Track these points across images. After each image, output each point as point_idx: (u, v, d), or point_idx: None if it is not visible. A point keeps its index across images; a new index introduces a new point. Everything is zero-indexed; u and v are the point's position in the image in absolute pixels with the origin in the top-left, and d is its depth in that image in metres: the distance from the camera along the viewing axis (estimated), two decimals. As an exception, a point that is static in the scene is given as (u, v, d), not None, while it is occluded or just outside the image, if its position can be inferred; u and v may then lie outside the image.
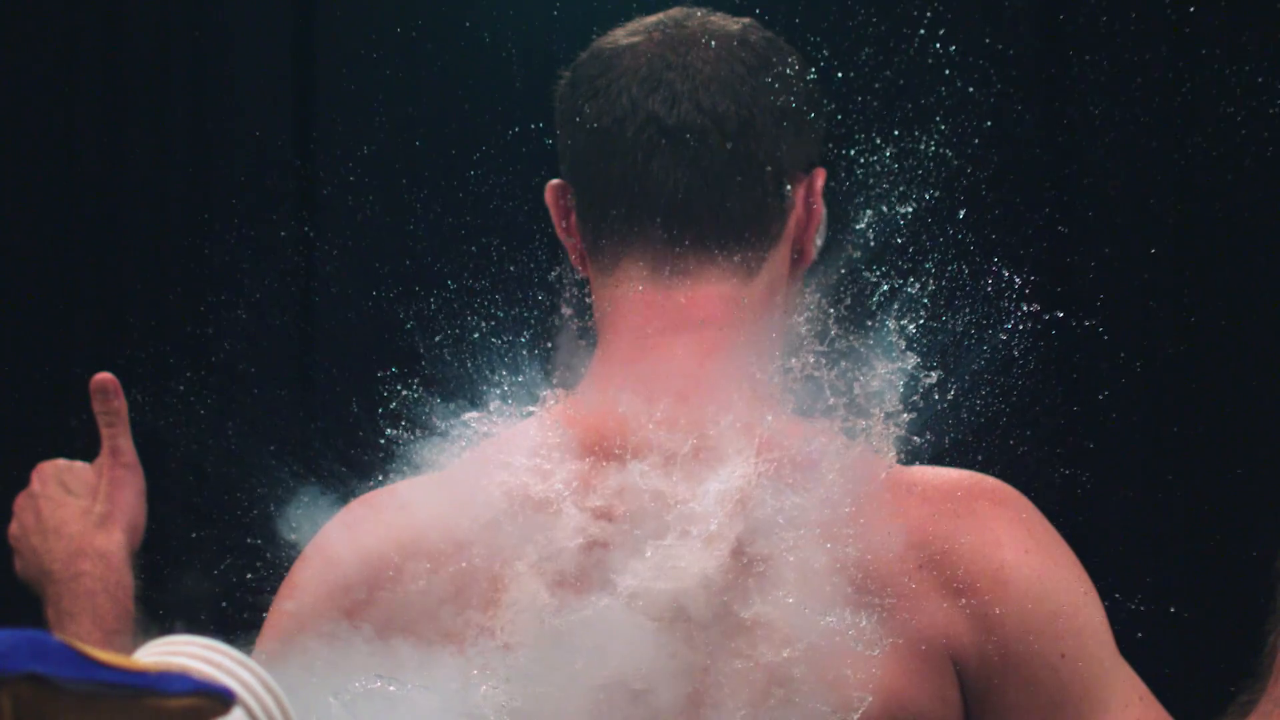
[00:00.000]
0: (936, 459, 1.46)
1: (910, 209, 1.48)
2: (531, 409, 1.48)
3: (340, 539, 1.46)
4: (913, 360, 1.46)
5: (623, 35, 1.47)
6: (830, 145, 1.51)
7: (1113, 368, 2.56)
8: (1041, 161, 2.66)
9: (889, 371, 1.45)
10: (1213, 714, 1.38)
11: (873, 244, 1.48)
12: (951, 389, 1.45)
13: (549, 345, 1.51)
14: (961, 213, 1.53)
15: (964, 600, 1.37)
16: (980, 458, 1.50)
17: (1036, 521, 1.43)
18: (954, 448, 1.47)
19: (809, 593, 1.35)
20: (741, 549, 1.35)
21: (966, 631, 1.37)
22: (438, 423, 1.50)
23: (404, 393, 1.50)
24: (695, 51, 1.44)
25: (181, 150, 2.82)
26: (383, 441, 1.52)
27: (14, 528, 1.66)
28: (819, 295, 1.49)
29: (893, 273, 1.49)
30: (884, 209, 1.49)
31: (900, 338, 1.47)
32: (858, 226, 1.49)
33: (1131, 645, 1.45)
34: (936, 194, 1.49)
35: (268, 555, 1.57)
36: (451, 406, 1.49)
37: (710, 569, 1.35)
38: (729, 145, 1.42)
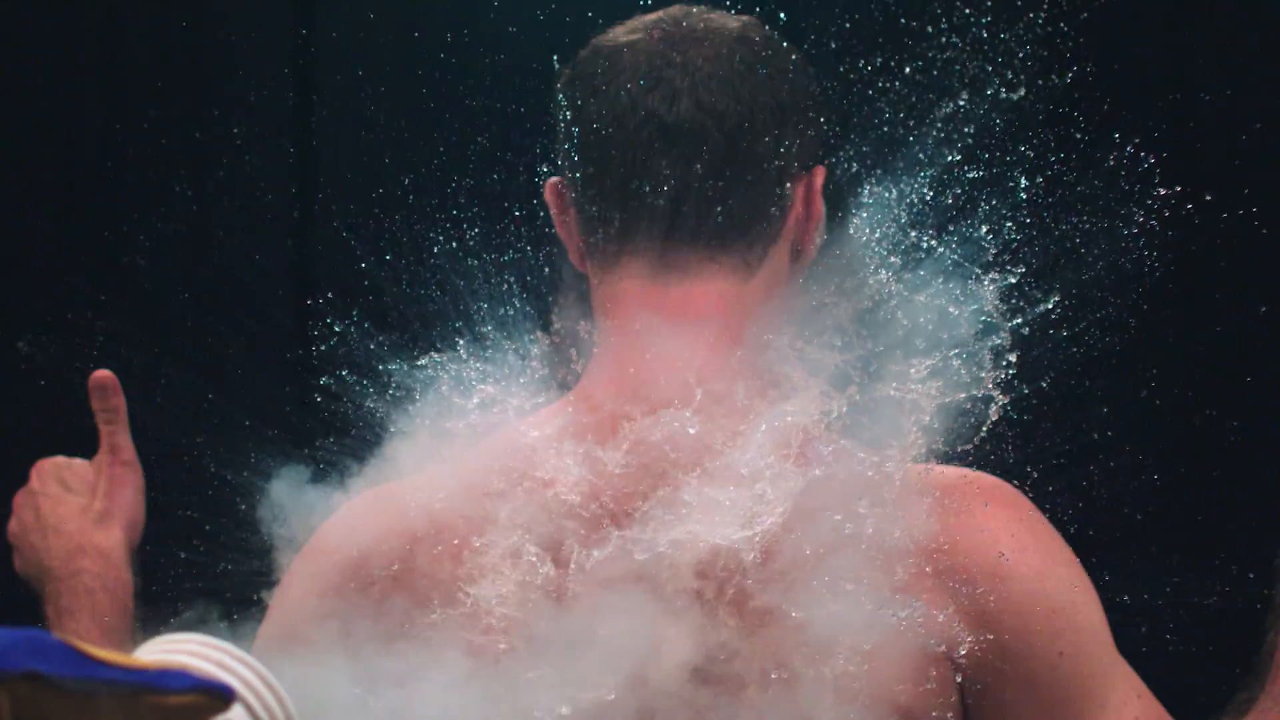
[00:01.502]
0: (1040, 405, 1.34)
1: (1019, 94, 1.31)
2: (532, 405, 1.48)
3: (342, 532, 1.46)
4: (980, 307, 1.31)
5: (622, 33, 1.47)
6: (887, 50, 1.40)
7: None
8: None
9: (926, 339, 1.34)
10: (1212, 712, 1.38)
11: (965, 139, 1.33)
12: (1055, 312, 1.29)
13: (549, 342, 1.52)
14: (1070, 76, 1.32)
15: (963, 598, 1.37)
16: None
17: (1035, 519, 1.43)
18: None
19: (820, 586, 1.35)
20: (754, 541, 1.35)
21: (965, 629, 1.37)
22: (438, 418, 1.50)
23: (403, 389, 1.50)
24: (695, 49, 1.44)
25: (178, 144, 2.81)
26: (382, 437, 1.52)
27: (13, 525, 1.66)
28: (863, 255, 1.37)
29: (983, 167, 1.32)
30: (975, 96, 1.33)
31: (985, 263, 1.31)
32: (947, 111, 1.33)
33: (1130, 643, 1.45)
34: (1047, 81, 1.31)
35: (267, 551, 1.57)
36: (451, 400, 1.50)
37: (723, 558, 1.35)
38: (728, 143, 1.42)
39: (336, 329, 1.60)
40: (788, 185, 1.45)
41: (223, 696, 0.87)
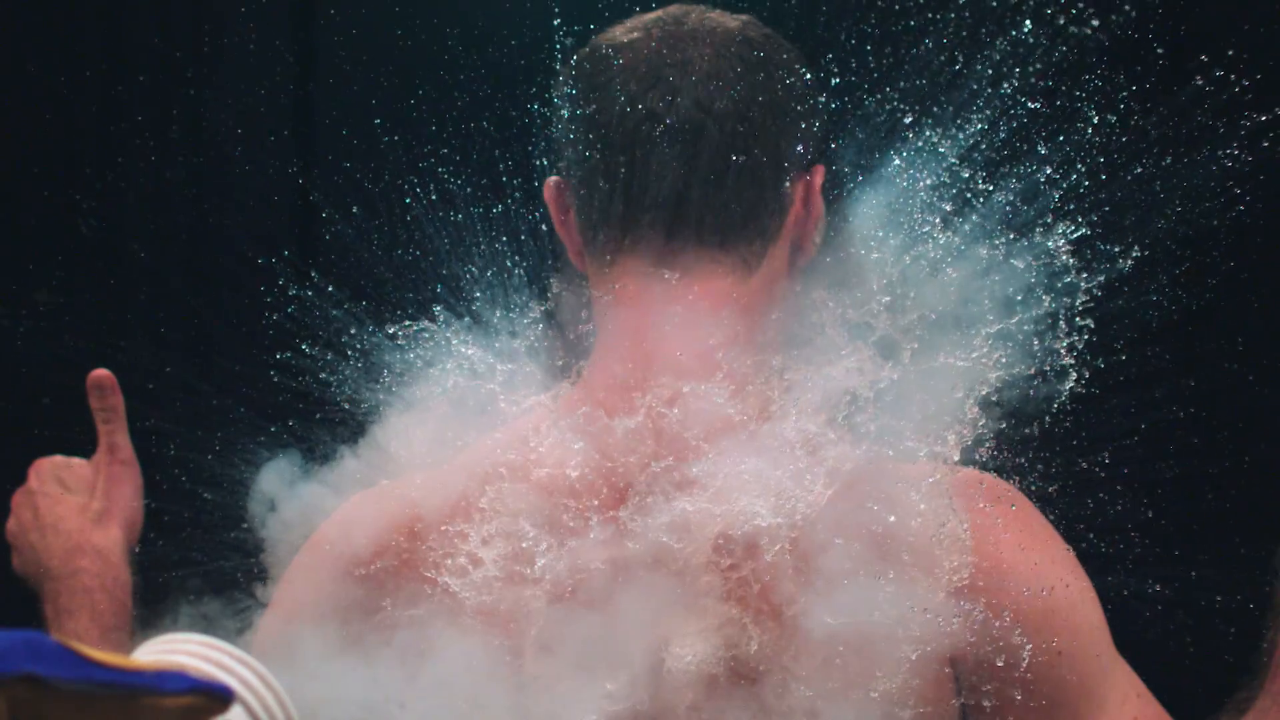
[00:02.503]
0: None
1: (1090, 27, 1.13)
2: (530, 401, 1.48)
3: (344, 529, 1.46)
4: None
5: (621, 32, 1.47)
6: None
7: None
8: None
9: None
10: (1211, 711, 1.38)
11: (1026, 74, 1.13)
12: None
13: (547, 341, 1.52)
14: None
15: (961, 597, 1.37)
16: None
17: (1033, 518, 1.43)
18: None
19: (834, 577, 1.35)
20: (780, 529, 1.36)
21: (964, 628, 1.37)
22: (439, 412, 1.50)
23: (398, 396, 1.51)
24: (694, 48, 1.43)
25: (179, 146, 2.81)
26: (382, 431, 1.52)
27: (12, 524, 1.66)
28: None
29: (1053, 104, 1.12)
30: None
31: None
32: (1005, 44, 1.14)
33: (1128, 642, 1.45)
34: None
35: (267, 547, 1.57)
36: (453, 396, 1.50)
37: (723, 555, 1.35)
38: (727, 142, 1.42)
39: (333, 316, 1.60)
40: (787, 184, 1.45)
41: (221, 697, 0.87)
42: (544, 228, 1.53)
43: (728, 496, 1.36)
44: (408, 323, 1.53)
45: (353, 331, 1.57)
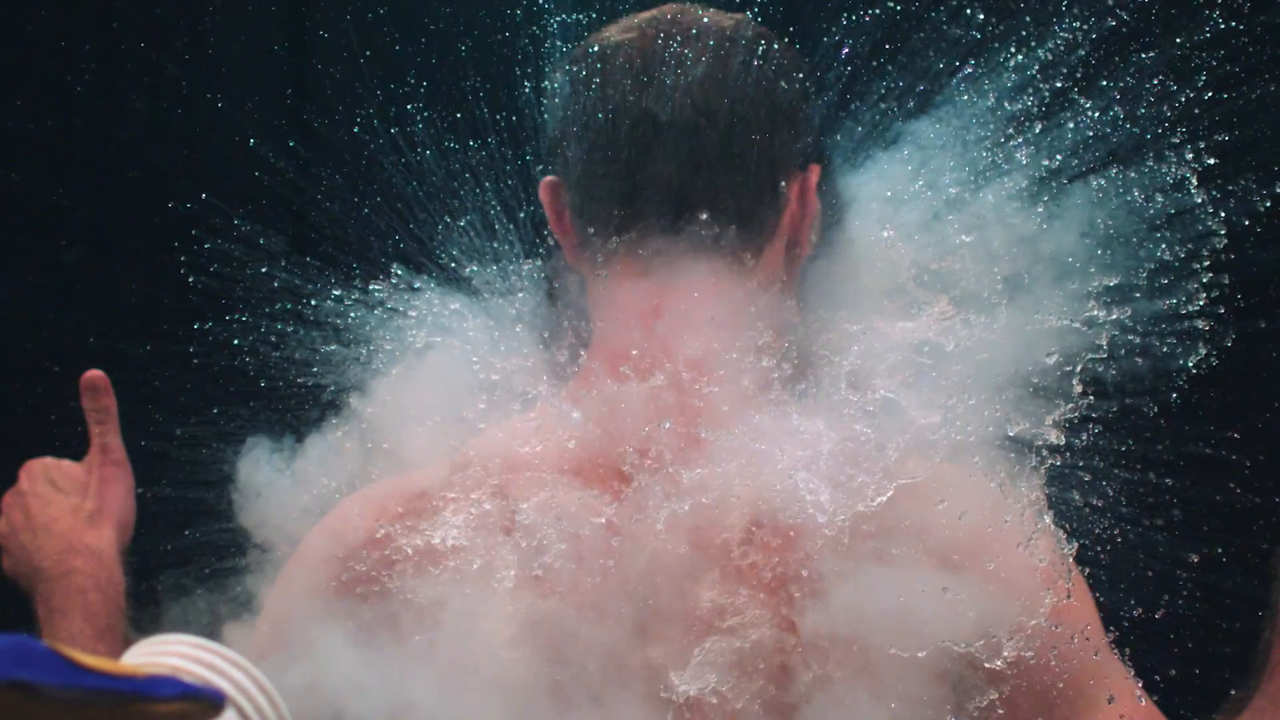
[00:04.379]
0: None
1: None
2: (525, 402, 1.48)
3: (339, 531, 1.46)
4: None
5: (616, 32, 1.47)
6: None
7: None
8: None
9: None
10: (1208, 711, 1.38)
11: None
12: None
13: (543, 340, 1.51)
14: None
15: (959, 594, 1.37)
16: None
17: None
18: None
19: (857, 564, 1.34)
20: (748, 536, 1.36)
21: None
22: (431, 418, 1.50)
23: (399, 394, 1.50)
24: (689, 48, 1.43)
25: (176, 149, 2.80)
26: (379, 427, 1.52)
27: (3, 525, 1.65)
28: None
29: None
30: None
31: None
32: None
33: (1125, 642, 1.45)
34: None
35: (262, 545, 1.57)
36: (451, 395, 1.50)
37: (724, 553, 1.35)
38: (722, 142, 1.41)
39: (330, 302, 1.59)
40: (782, 183, 1.45)
41: (213, 702, 0.87)
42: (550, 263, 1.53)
43: (746, 485, 1.36)
44: (410, 316, 1.53)
45: (353, 318, 1.57)
